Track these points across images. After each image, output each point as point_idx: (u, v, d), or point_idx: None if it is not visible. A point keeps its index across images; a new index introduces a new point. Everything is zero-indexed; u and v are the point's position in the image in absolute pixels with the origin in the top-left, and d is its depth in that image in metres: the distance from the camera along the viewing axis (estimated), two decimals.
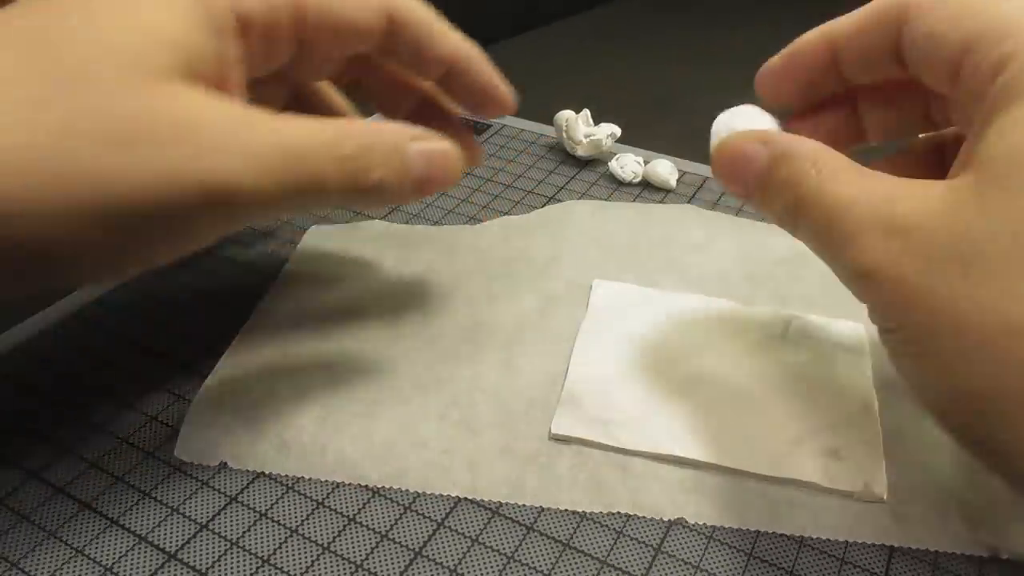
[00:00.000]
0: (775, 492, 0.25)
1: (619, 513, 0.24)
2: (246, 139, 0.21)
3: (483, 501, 0.25)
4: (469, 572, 0.23)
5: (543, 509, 0.24)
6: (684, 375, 0.28)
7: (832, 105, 0.27)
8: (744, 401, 0.27)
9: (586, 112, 0.44)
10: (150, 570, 0.23)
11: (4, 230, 0.18)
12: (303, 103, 0.30)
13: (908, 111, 0.25)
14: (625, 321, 0.31)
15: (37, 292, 0.22)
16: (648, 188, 0.42)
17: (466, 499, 0.25)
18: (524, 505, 0.25)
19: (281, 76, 0.26)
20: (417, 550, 0.23)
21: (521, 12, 0.66)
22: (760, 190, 0.24)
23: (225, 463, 0.26)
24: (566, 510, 0.24)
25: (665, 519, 0.24)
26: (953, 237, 0.18)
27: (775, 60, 0.27)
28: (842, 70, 0.25)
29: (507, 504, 0.25)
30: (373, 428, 0.26)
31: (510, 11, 0.65)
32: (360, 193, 0.23)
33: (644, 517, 0.24)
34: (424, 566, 0.23)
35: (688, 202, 0.41)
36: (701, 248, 0.36)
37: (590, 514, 0.24)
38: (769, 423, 0.26)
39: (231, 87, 0.23)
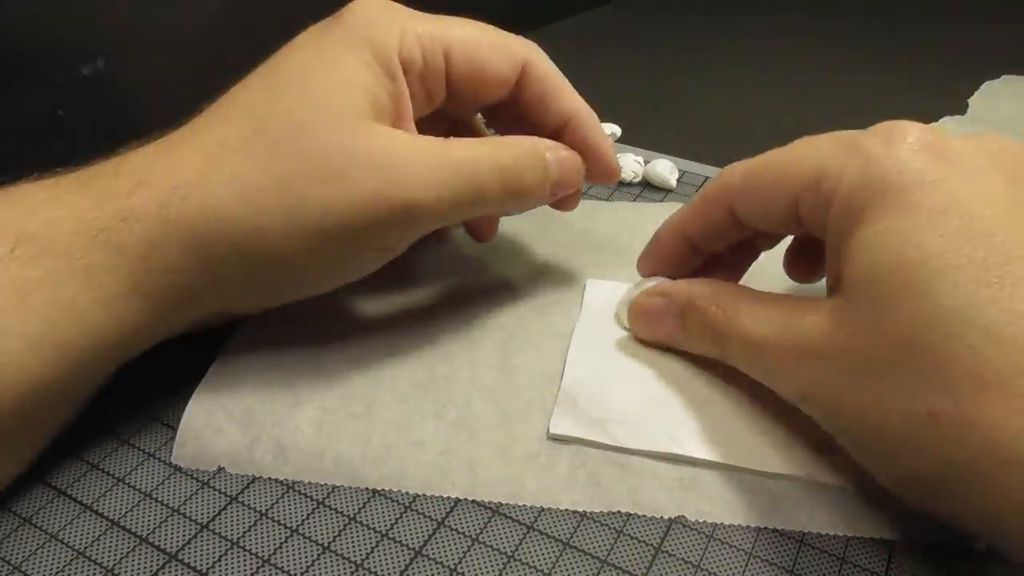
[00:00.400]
0: (773, 487, 0.25)
1: (619, 512, 0.24)
2: (426, 162, 0.25)
3: (483, 501, 0.25)
4: (469, 571, 0.23)
5: (543, 508, 0.24)
6: (680, 372, 0.28)
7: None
8: (739, 397, 0.27)
9: None
10: (151, 571, 0.23)
11: (259, 247, 0.24)
12: (459, 135, 0.34)
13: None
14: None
15: (279, 304, 0.28)
16: (648, 188, 0.42)
17: (466, 499, 0.25)
18: (524, 505, 0.25)
19: (439, 115, 0.31)
20: (417, 549, 0.23)
21: (521, 12, 0.66)
22: (683, 338, 0.28)
23: (223, 467, 0.26)
24: (566, 510, 0.24)
25: (665, 517, 0.24)
26: (848, 356, 0.22)
27: (645, 251, 0.31)
28: (697, 245, 0.29)
29: (507, 503, 0.25)
30: (371, 430, 0.26)
31: (510, 11, 0.65)
32: (513, 196, 0.28)
33: (644, 516, 0.24)
34: (424, 565, 0.23)
35: (687, 202, 0.41)
36: None
37: (590, 513, 0.24)
38: (764, 418, 0.27)
39: (404, 122, 0.27)
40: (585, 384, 0.28)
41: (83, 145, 0.44)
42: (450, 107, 0.30)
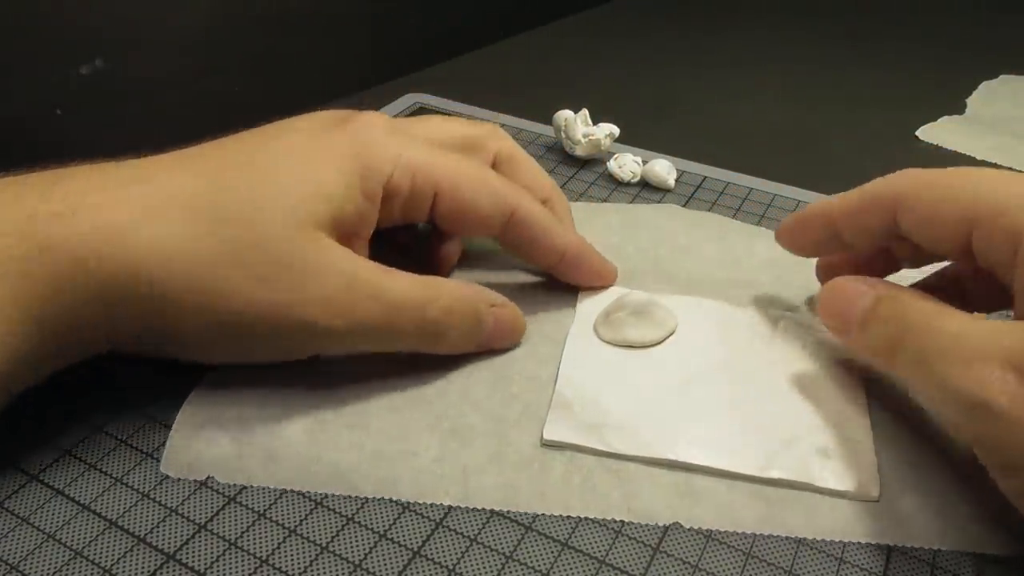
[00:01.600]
0: (769, 493, 0.25)
1: None
2: (352, 292, 0.25)
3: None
4: (468, 572, 0.23)
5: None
6: (674, 377, 0.28)
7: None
8: (734, 402, 0.27)
9: (585, 112, 0.44)
10: (149, 571, 0.23)
11: (165, 319, 0.24)
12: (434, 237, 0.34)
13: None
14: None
15: (169, 359, 0.27)
16: (647, 188, 0.42)
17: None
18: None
19: None
20: (416, 550, 0.23)
21: (521, 12, 0.66)
22: (861, 325, 0.25)
23: (212, 476, 0.25)
24: None
25: (660, 524, 0.24)
26: None
27: (788, 222, 0.30)
28: (843, 239, 0.28)
29: None
30: (364, 439, 0.26)
31: (510, 11, 0.65)
32: (430, 346, 0.28)
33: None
34: (422, 566, 0.23)
35: (687, 201, 0.41)
36: (687, 251, 0.36)
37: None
38: (760, 424, 0.26)
39: (360, 240, 0.27)
40: (579, 389, 0.28)
41: (82, 145, 0.44)
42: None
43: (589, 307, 0.32)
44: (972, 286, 0.28)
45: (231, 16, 0.48)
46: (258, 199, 0.24)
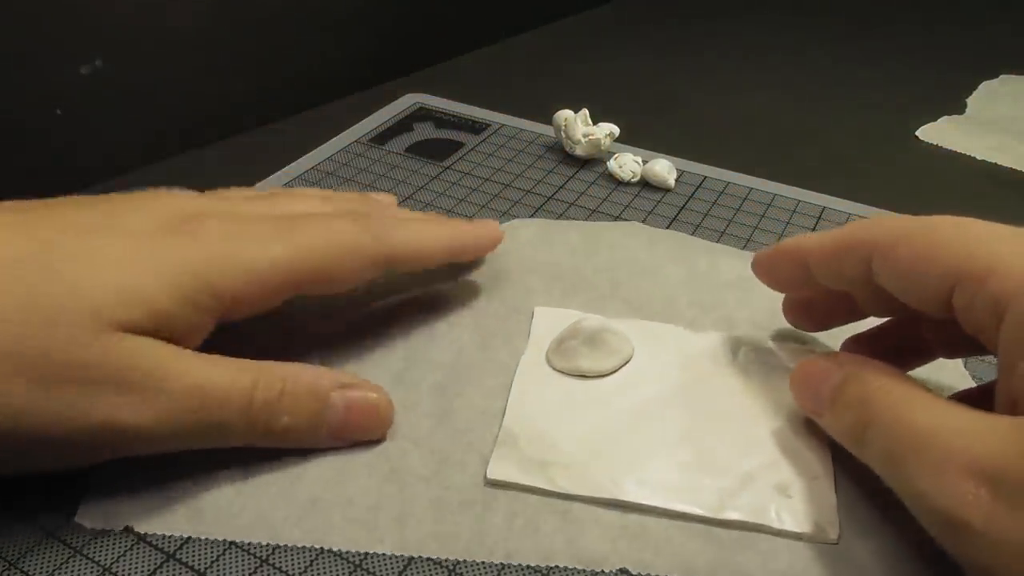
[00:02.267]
0: (723, 535, 0.24)
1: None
2: (161, 389, 0.22)
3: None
4: (467, 572, 0.23)
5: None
6: (629, 409, 0.27)
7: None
8: (690, 436, 0.26)
9: (585, 111, 0.44)
10: (148, 570, 0.23)
11: None
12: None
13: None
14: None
15: None
16: (647, 187, 0.42)
17: None
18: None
19: None
20: None
21: (521, 12, 0.66)
22: (831, 405, 0.24)
23: (130, 526, 0.24)
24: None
25: (606, 571, 0.23)
26: None
27: (763, 255, 0.29)
28: (814, 277, 0.26)
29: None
30: (297, 487, 0.25)
31: (510, 11, 0.65)
32: (271, 438, 0.25)
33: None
34: (423, 565, 0.23)
35: (687, 201, 0.41)
36: (648, 272, 0.34)
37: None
38: (716, 459, 0.25)
39: (189, 341, 0.24)
40: (527, 424, 0.27)
41: (81, 145, 0.44)
42: None
43: (543, 332, 0.30)
44: (937, 333, 0.27)
45: (231, 16, 0.48)
46: (62, 301, 0.22)
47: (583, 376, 0.29)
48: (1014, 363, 0.20)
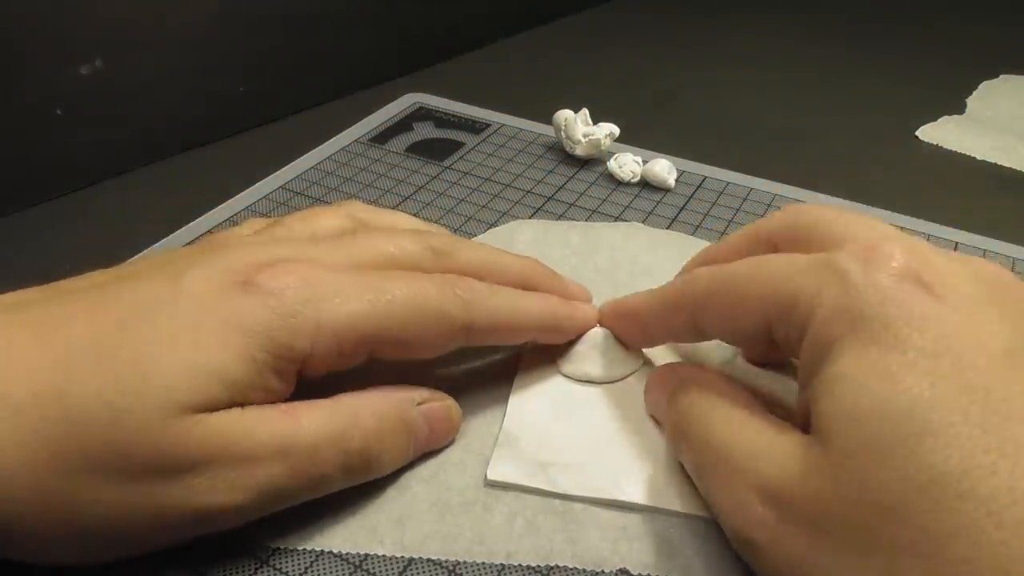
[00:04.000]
0: (723, 534, 0.23)
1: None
2: (247, 461, 0.21)
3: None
4: (468, 572, 0.23)
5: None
6: (628, 412, 0.27)
7: None
8: None
9: (585, 111, 0.44)
10: (148, 570, 0.23)
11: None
12: None
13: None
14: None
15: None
16: (647, 188, 0.42)
17: None
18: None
19: None
20: None
21: (521, 12, 0.66)
22: (668, 409, 0.25)
23: None
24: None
25: (606, 571, 0.23)
26: (815, 506, 0.19)
27: (608, 312, 0.29)
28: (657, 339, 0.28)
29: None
30: None
31: (509, 10, 0.65)
32: (365, 478, 0.24)
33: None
34: (423, 565, 0.23)
35: (687, 201, 0.41)
36: (648, 273, 0.34)
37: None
38: None
39: (271, 400, 0.23)
40: (528, 424, 0.27)
41: (81, 145, 0.44)
42: None
43: None
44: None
45: (231, 16, 0.48)
46: (132, 387, 0.20)
47: (590, 382, 0.28)
48: (808, 380, 0.21)
